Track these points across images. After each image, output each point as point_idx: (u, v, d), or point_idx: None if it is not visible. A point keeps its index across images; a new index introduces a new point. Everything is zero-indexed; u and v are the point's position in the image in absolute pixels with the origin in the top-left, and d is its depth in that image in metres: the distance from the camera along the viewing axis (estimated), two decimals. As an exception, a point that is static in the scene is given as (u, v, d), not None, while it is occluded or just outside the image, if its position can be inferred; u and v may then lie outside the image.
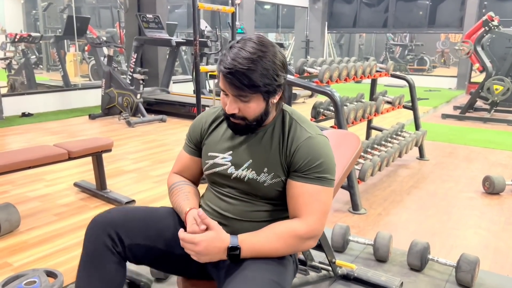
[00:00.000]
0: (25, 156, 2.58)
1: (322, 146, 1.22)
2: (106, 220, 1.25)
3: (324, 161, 1.20)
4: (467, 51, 7.20)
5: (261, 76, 1.12)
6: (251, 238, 1.17)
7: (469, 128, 6.20)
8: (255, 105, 1.17)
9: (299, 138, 1.22)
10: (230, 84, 1.13)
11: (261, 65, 1.12)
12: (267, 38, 1.19)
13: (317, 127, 1.29)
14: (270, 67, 1.13)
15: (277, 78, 1.15)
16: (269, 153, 1.23)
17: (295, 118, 1.26)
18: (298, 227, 1.18)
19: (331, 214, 2.95)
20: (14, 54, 9.23)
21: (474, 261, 2.08)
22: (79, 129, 5.52)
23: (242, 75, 1.11)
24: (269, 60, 1.13)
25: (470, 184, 3.69)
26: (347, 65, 3.50)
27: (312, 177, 1.19)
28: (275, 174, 1.22)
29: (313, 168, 1.19)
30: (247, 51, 1.12)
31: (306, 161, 1.19)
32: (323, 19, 12.48)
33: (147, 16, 6.65)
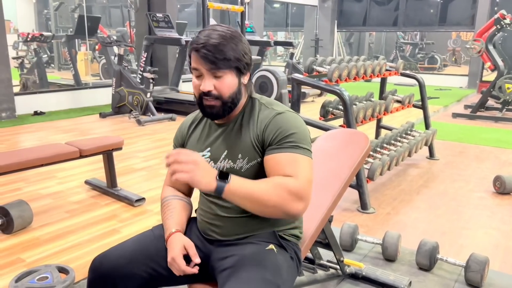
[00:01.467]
0: (38, 154, 2.63)
1: (292, 119, 1.24)
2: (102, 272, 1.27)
3: (295, 132, 1.21)
4: (478, 50, 7.12)
5: (232, 50, 1.19)
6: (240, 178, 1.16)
7: (480, 127, 6.14)
8: (229, 80, 1.21)
9: (267, 116, 1.25)
10: (204, 59, 1.17)
11: (231, 41, 1.19)
12: None
13: (289, 108, 1.31)
14: (239, 45, 1.21)
15: (245, 55, 1.23)
16: (241, 139, 1.26)
17: (264, 103, 1.30)
18: (288, 181, 1.15)
19: (340, 213, 2.95)
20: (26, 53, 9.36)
21: (484, 261, 2.07)
22: (90, 128, 5.59)
23: (215, 48, 1.17)
24: (238, 40, 1.22)
25: (480, 183, 3.66)
26: (357, 64, 3.49)
27: (286, 146, 1.19)
28: (250, 157, 1.24)
29: (285, 138, 1.20)
30: (218, 31, 1.20)
31: (277, 134, 1.21)
32: (332, 17, 12.43)
33: (157, 15, 6.70)
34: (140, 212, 2.88)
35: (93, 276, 1.28)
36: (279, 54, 17.33)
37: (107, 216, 2.82)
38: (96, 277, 1.28)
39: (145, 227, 2.61)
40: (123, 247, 1.31)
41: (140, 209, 2.93)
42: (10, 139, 4.88)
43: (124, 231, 2.60)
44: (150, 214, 2.85)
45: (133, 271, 1.25)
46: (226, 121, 1.30)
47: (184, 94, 7.05)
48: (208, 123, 1.36)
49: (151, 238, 1.34)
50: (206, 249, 1.31)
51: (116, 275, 1.24)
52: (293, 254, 1.31)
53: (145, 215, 2.84)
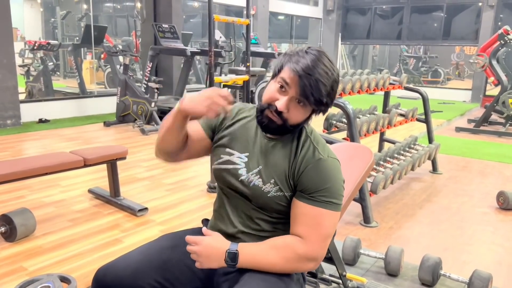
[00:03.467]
0: (43, 162, 2.64)
1: (332, 169, 1.20)
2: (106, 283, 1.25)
3: (331, 186, 1.18)
4: (482, 64, 7.15)
5: (327, 94, 1.15)
6: (250, 247, 1.18)
7: (484, 142, 6.13)
8: (304, 113, 1.18)
9: (309, 158, 1.20)
10: (300, 88, 1.12)
11: (331, 84, 1.15)
12: None
13: (331, 149, 1.27)
14: (334, 90, 1.17)
15: (333, 100, 1.19)
16: (279, 165, 1.22)
17: (311, 137, 1.24)
18: (298, 245, 1.17)
19: (343, 226, 2.94)
20: (32, 61, 9.46)
21: (487, 278, 2.05)
22: (94, 136, 5.61)
23: (316, 85, 1.12)
24: (336, 84, 1.17)
25: (484, 199, 3.65)
26: (360, 77, 3.51)
27: (317, 200, 1.17)
28: (280, 187, 1.21)
29: (319, 192, 1.17)
30: (325, 64, 1.14)
31: (313, 184, 1.17)
32: (336, 30, 12.52)
33: (163, 26, 6.77)
34: (143, 222, 2.89)
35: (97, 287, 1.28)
36: (283, 66, 17.38)
37: (109, 226, 2.82)
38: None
39: (147, 237, 2.61)
40: (128, 259, 1.30)
41: (143, 219, 2.94)
42: (14, 147, 4.90)
43: (127, 241, 2.60)
44: (153, 224, 2.85)
45: (138, 283, 1.25)
46: (275, 137, 1.25)
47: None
48: (257, 127, 1.27)
49: (156, 249, 1.33)
50: None
51: (120, 287, 1.24)
52: (299, 274, 1.30)
53: (148, 225, 2.84)
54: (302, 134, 1.25)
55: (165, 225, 2.82)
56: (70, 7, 11.20)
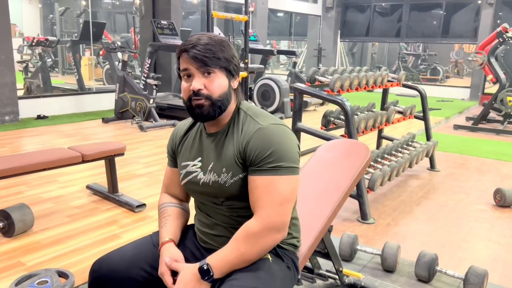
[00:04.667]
0: (41, 158, 2.64)
1: (273, 134, 1.20)
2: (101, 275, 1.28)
3: (275, 149, 1.18)
4: (480, 62, 7.15)
5: (221, 51, 1.21)
6: (217, 253, 1.20)
7: (482, 140, 6.15)
8: (219, 80, 1.22)
9: (250, 131, 1.22)
10: (194, 58, 1.18)
11: (220, 43, 1.22)
12: None
13: (275, 117, 1.28)
14: (228, 48, 1.23)
15: (233, 58, 1.24)
16: (225, 152, 1.24)
17: (250, 114, 1.27)
18: (251, 226, 1.18)
19: (340, 223, 2.96)
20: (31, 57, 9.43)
21: (483, 274, 2.07)
22: (93, 132, 5.61)
23: (205, 48, 1.19)
24: (226, 43, 1.24)
25: (481, 196, 3.67)
26: (359, 74, 3.51)
27: (265, 168, 1.18)
28: (233, 172, 1.22)
29: (264, 159, 1.18)
30: (206, 35, 1.23)
31: (256, 153, 1.18)
32: (335, 27, 12.51)
33: (162, 22, 6.75)
34: (141, 218, 2.89)
35: (93, 279, 1.30)
36: (281, 63, 17.42)
37: (107, 222, 2.83)
38: (95, 280, 1.29)
39: (145, 233, 2.62)
40: (122, 252, 1.32)
41: (141, 215, 2.95)
42: (13, 143, 4.90)
43: (125, 236, 2.61)
44: (151, 220, 2.86)
45: (131, 275, 1.26)
46: (216, 130, 1.29)
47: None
48: (199, 131, 1.34)
49: (150, 244, 1.35)
50: (203, 257, 1.32)
51: (114, 279, 1.26)
52: (290, 263, 1.31)
53: (146, 221, 2.85)
54: (240, 114, 1.28)
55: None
56: (68, 3, 11.16)
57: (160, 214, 1.40)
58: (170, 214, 1.37)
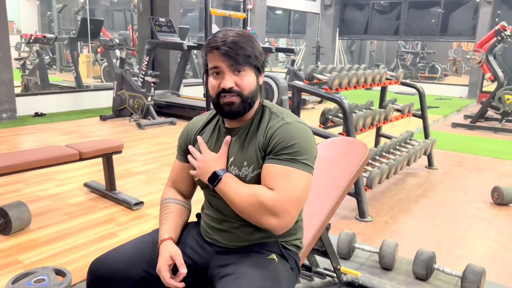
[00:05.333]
0: (38, 156, 2.63)
1: (298, 130, 1.22)
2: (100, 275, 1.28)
3: (297, 143, 1.19)
4: (479, 60, 7.15)
5: (251, 48, 1.21)
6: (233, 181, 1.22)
7: (480, 138, 6.16)
8: (249, 77, 1.22)
9: (275, 125, 1.23)
10: (225, 56, 1.18)
11: (249, 40, 1.22)
12: None
13: (298, 118, 1.30)
14: (256, 44, 1.23)
15: (261, 55, 1.25)
16: (247, 147, 1.25)
17: (275, 111, 1.28)
18: (266, 196, 1.16)
19: (338, 221, 2.96)
20: (28, 55, 9.40)
21: (480, 272, 2.07)
22: (91, 130, 5.60)
23: (236, 45, 1.18)
24: (254, 39, 1.24)
25: (479, 194, 3.67)
26: (357, 72, 3.51)
27: (282, 158, 1.18)
28: (255, 166, 1.23)
29: (285, 149, 1.19)
30: (234, 31, 1.22)
31: (279, 143, 1.19)
32: (334, 25, 12.49)
33: (160, 19, 6.73)
34: (138, 216, 2.89)
35: (91, 279, 1.29)
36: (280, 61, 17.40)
37: (105, 219, 2.82)
38: (94, 280, 1.29)
39: (143, 231, 2.62)
40: (121, 251, 1.31)
41: (138, 213, 2.94)
42: (10, 140, 4.89)
43: (122, 234, 2.61)
44: (148, 218, 2.85)
45: (130, 275, 1.26)
46: (238, 125, 1.29)
47: (185, 99, 7.07)
48: (217, 128, 1.34)
49: (149, 243, 1.34)
50: (205, 254, 1.31)
51: (113, 279, 1.25)
52: (293, 264, 1.31)
53: (143, 219, 2.84)
54: (265, 111, 1.29)
55: (160, 219, 2.82)
56: (66, 1, 11.11)
57: (162, 209, 1.38)
58: (172, 211, 1.36)
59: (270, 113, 1.28)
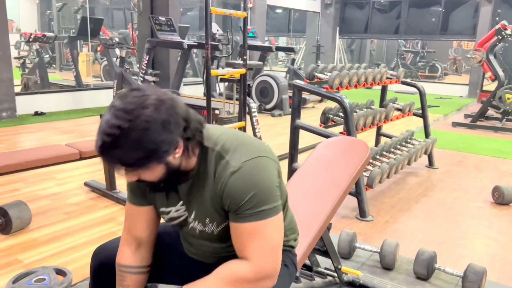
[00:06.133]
0: (38, 155, 2.63)
1: (248, 176, 1.04)
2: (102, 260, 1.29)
3: (254, 194, 1.04)
4: (479, 60, 7.15)
5: (133, 152, 0.95)
6: (195, 285, 1.07)
7: (480, 137, 6.15)
8: (150, 172, 1.02)
9: (222, 176, 1.06)
10: (109, 165, 1.01)
11: (128, 141, 0.94)
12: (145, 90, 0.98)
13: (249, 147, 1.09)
14: (144, 139, 0.94)
15: (160, 144, 0.97)
16: (203, 202, 1.11)
17: (219, 150, 1.08)
18: (245, 271, 1.06)
19: (338, 220, 2.95)
20: (28, 53, 9.38)
21: (481, 272, 2.07)
22: (90, 129, 5.59)
23: (111, 156, 0.97)
24: (139, 132, 0.94)
25: (479, 193, 3.67)
26: (358, 71, 3.50)
27: (245, 215, 1.05)
28: (218, 222, 1.13)
29: (244, 205, 1.05)
30: (112, 123, 0.94)
31: (234, 201, 1.05)
32: (334, 24, 12.47)
33: (160, 18, 6.72)
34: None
35: (94, 264, 1.32)
36: (280, 60, 17.39)
37: (105, 219, 2.81)
38: (97, 265, 1.31)
39: (143, 230, 2.61)
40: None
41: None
42: (10, 139, 4.88)
43: (122, 234, 2.60)
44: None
45: None
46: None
47: (185, 98, 7.05)
48: None
49: None
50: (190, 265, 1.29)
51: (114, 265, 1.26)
52: (288, 261, 1.29)
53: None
54: (209, 154, 1.09)
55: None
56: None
57: (117, 277, 1.22)
58: (128, 285, 1.22)
59: (213, 154, 1.08)
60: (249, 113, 4.70)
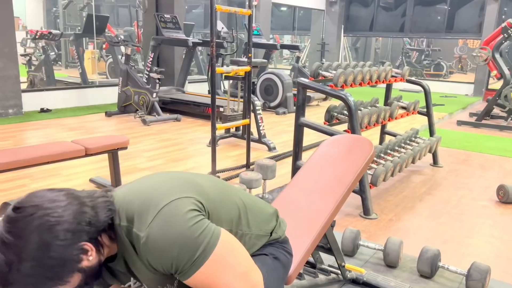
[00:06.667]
0: (45, 151, 2.65)
1: (161, 240, 0.95)
2: None
3: (179, 251, 0.95)
4: (485, 58, 7.11)
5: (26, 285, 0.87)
6: None
7: (485, 136, 6.13)
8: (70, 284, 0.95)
9: (140, 250, 0.98)
10: None
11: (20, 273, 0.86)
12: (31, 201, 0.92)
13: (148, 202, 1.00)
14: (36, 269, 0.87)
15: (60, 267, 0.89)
16: (146, 274, 1.05)
17: (125, 224, 0.99)
18: None
19: (342, 218, 2.96)
20: (34, 51, 9.43)
21: (485, 270, 2.07)
22: (96, 126, 5.62)
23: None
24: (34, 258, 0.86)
25: (484, 192, 3.66)
26: (362, 69, 3.50)
27: (188, 270, 0.96)
28: (169, 283, 1.06)
29: (178, 265, 0.96)
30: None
31: (165, 267, 0.98)
32: (339, 22, 12.44)
33: (165, 16, 6.74)
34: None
35: None
36: (285, 58, 17.37)
37: (110, 215, 2.83)
38: None
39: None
40: None
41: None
42: (16, 136, 4.92)
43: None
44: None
45: None
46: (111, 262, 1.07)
47: (189, 95, 7.08)
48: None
49: None
50: None
51: None
52: (276, 252, 1.24)
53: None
54: (122, 235, 1.00)
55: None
56: (71, -3, 11.14)
57: None
58: None
59: (125, 232, 0.99)
60: (253, 110, 4.71)
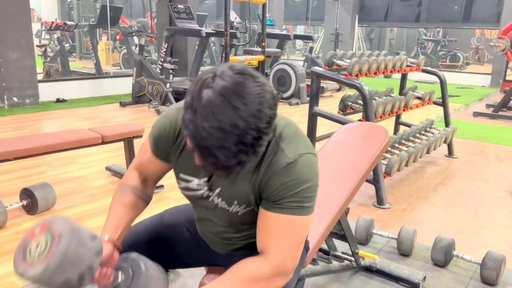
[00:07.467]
0: (62, 138, 2.71)
1: (301, 171, 1.00)
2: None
3: (302, 189, 1.00)
4: (503, 48, 6.97)
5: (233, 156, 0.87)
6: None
7: (502, 127, 6.03)
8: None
9: (274, 165, 1.00)
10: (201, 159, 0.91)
11: (224, 143, 0.85)
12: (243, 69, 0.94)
13: (304, 141, 1.05)
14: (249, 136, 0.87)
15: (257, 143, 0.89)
16: (238, 184, 1.05)
17: (277, 138, 1.02)
18: (261, 270, 1.03)
19: (356, 207, 2.96)
20: (49, 42, 9.55)
21: (500, 259, 2.06)
22: (110, 116, 5.69)
23: (207, 162, 0.90)
24: (238, 132, 0.85)
25: (499, 183, 3.62)
26: (377, 58, 3.47)
27: (286, 207, 1.01)
28: (247, 205, 1.08)
29: (287, 198, 1.00)
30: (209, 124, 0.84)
31: (279, 190, 1.00)
32: (353, 12, 12.29)
33: (178, 6, 6.74)
34: (158, 199, 2.94)
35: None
36: (298, 48, 17.26)
37: (126, 202, 2.88)
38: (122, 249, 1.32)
39: (163, 213, 2.67)
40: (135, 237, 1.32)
41: (158, 196, 2.99)
42: (33, 125, 5.01)
43: (143, 217, 2.64)
44: (168, 201, 2.91)
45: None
46: None
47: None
48: None
49: (161, 227, 1.36)
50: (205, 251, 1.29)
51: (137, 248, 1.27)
52: None
53: (163, 202, 2.89)
54: (271, 144, 1.02)
55: (180, 202, 2.86)
56: (86, -12, 11.21)
57: (117, 193, 1.22)
58: (125, 203, 1.20)
59: (273, 143, 1.01)
60: (267, 100, 4.70)
